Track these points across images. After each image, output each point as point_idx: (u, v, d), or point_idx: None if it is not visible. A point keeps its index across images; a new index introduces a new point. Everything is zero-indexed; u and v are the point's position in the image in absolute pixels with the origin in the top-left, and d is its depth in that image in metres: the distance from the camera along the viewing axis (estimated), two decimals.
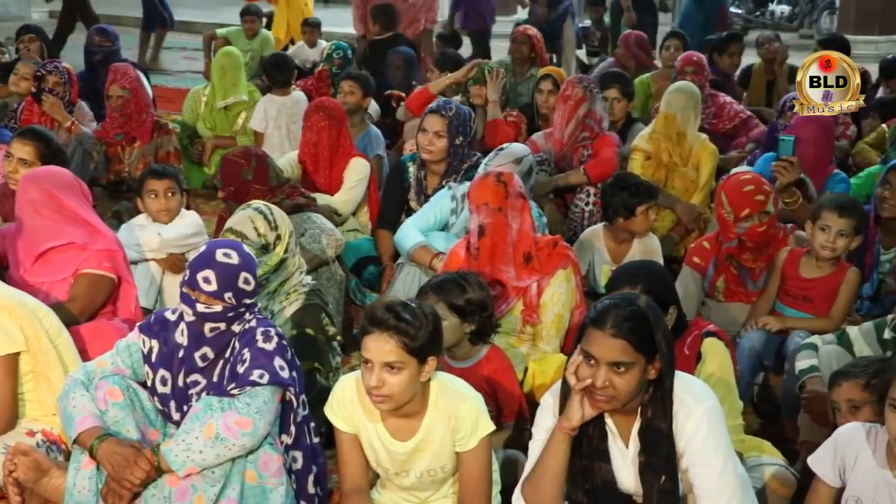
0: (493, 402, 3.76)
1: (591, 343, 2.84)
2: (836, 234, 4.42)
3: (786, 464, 3.64)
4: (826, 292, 4.50)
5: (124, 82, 6.47)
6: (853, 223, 4.43)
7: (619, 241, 5.09)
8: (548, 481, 2.97)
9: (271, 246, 4.04)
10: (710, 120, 6.99)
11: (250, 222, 4.04)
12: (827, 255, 4.45)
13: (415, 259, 4.83)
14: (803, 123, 5.68)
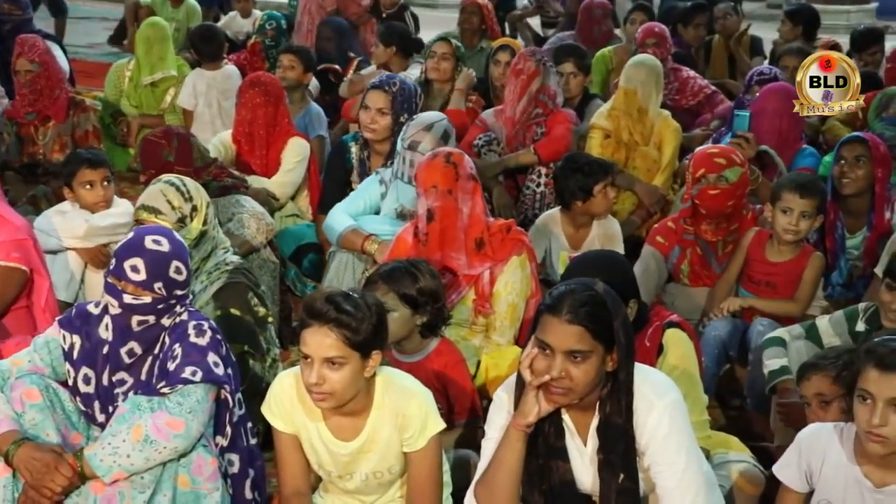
0: (443, 398, 3.77)
1: (547, 331, 2.85)
2: (798, 216, 4.49)
3: (754, 460, 3.67)
4: (790, 278, 4.57)
5: (32, 55, 6.35)
6: (815, 203, 4.52)
7: (577, 226, 5.12)
8: (502, 482, 2.98)
9: (188, 218, 4.01)
10: (672, 96, 7.04)
11: (162, 196, 4.01)
12: (790, 239, 4.53)
13: (345, 244, 4.84)
14: (768, 95, 5.81)
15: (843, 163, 4.93)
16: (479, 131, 5.98)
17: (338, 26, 8.36)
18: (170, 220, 3.93)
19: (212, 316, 3.88)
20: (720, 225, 4.73)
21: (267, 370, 4.02)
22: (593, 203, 5.01)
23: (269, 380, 3.55)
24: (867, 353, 2.88)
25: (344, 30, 8.40)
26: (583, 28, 8.46)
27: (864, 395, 2.84)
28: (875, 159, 4.91)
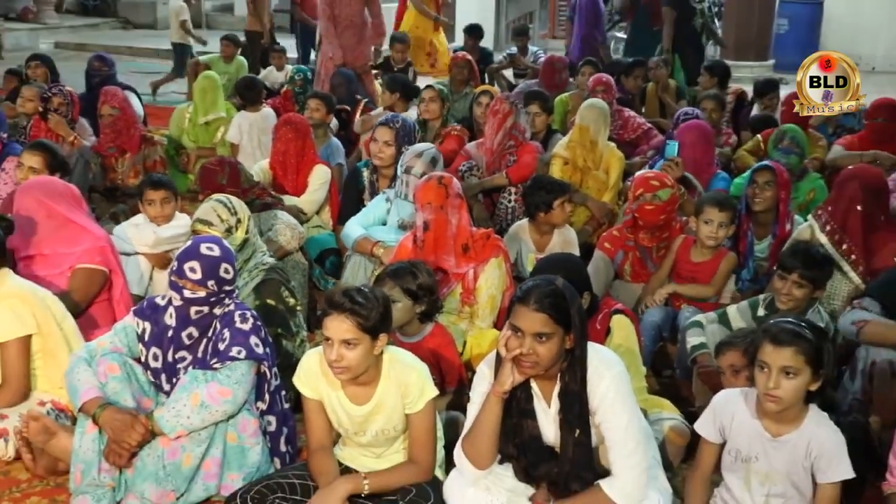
0: (437, 371, 3.76)
1: (518, 317, 2.86)
2: (717, 226, 4.50)
3: (681, 418, 3.69)
4: (709, 274, 4.58)
5: (114, 102, 6.33)
6: (730, 215, 4.54)
7: (541, 233, 5.11)
8: (483, 438, 2.98)
9: (233, 229, 4.00)
10: (617, 131, 7.03)
11: (213, 211, 4.00)
12: (711, 244, 4.54)
13: (358, 249, 4.82)
14: (685, 130, 5.86)
15: (755, 186, 4.93)
16: (463, 160, 5.96)
17: (347, 76, 8.35)
18: (219, 230, 3.93)
19: (252, 305, 3.88)
20: (654, 234, 4.72)
21: (297, 349, 4.00)
22: (553, 215, 5.00)
23: (298, 357, 3.53)
24: (763, 332, 2.91)
25: (352, 78, 8.39)
26: (545, 76, 8.45)
27: (762, 365, 2.86)
28: (779, 184, 4.92)
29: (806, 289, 3.84)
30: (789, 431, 2.94)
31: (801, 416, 2.93)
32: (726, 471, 3.07)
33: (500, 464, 3.10)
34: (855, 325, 3.52)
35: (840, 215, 4.38)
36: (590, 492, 2.95)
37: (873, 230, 4.35)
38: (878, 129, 6.32)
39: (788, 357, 2.82)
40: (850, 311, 3.60)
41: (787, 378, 2.82)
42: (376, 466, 3.24)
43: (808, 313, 3.86)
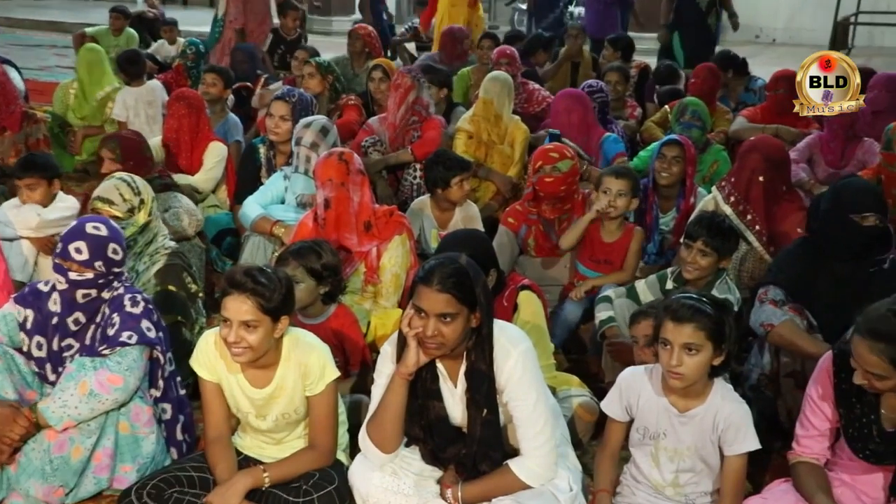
0: (340, 353, 3.75)
1: (421, 298, 2.84)
2: (616, 195, 4.56)
3: (590, 395, 3.74)
4: (621, 254, 4.64)
5: None
6: (629, 184, 4.59)
7: (442, 209, 5.11)
8: (389, 420, 2.97)
9: (136, 210, 3.92)
10: (522, 104, 7.05)
11: (115, 190, 3.91)
12: (613, 214, 4.59)
13: (257, 229, 4.78)
14: (557, 100, 5.97)
15: (663, 160, 5.02)
16: (366, 135, 5.92)
17: (249, 51, 8.24)
18: (120, 210, 3.85)
19: (152, 291, 3.81)
20: (556, 205, 4.76)
21: (195, 336, 3.92)
22: (451, 192, 5.00)
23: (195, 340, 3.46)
24: (665, 310, 2.94)
25: (254, 54, 8.28)
26: (445, 48, 8.42)
27: (665, 342, 2.90)
28: (687, 159, 5.03)
29: (711, 257, 3.91)
30: (695, 406, 2.99)
31: (707, 390, 2.99)
32: (635, 448, 3.12)
33: (407, 447, 3.09)
34: (763, 327, 3.60)
35: (743, 186, 4.47)
36: (498, 472, 2.96)
37: (775, 201, 4.46)
38: (780, 100, 6.49)
39: (689, 333, 2.86)
40: (759, 308, 3.66)
41: (689, 354, 2.87)
42: (277, 454, 3.20)
43: (716, 285, 3.93)
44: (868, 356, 2.71)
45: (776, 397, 3.63)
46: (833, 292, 3.63)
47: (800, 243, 3.86)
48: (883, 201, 3.60)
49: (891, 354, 2.68)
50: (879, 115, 6.27)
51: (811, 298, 3.65)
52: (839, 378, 2.93)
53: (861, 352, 2.73)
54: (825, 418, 2.97)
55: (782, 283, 3.70)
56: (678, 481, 3.03)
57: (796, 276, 3.70)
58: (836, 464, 3.04)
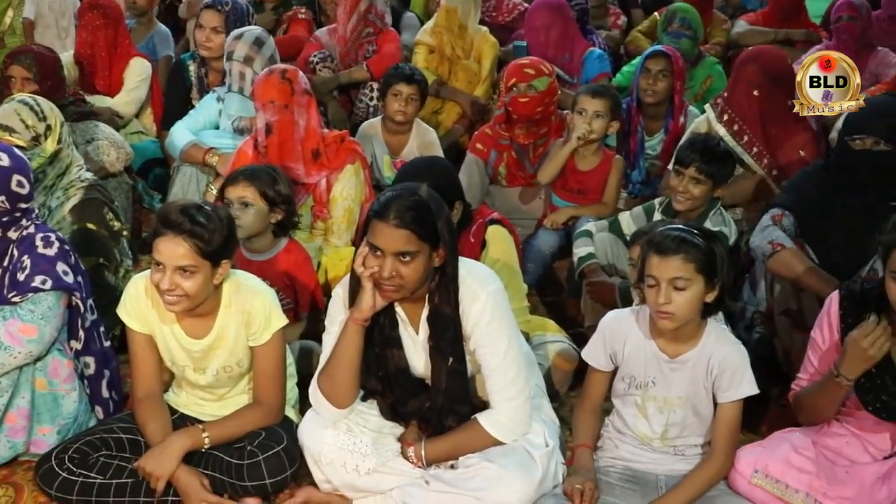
0: (290, 293, 3.78)
1: (376, 235, 2.84)
2: (592, 116, 4.58)
3: (568, 340, 3.78)
4: (598, 184, 4.67)
5: None
6: (607, 104, 4.61)
7: (392, 132, 5.13)
8: (343, 371, 3.00)
9: (42, 137, 3.86)
10: (490, 13, 7.01)
11: (16, 115, 3.85)
12: (592, 137, 4.60)
13: (188, 159, 4.77)
14: (532, 14, 5.91)
15: (648, 75, 5.03)
16: (314, 49, 5.87)
17: None
18: (23, 139, 3.79)
19: (68, 230, 3.78)
20: (531, 129, 4.76)
21: (121, 280, 3.93)
22: (386, 105, 5.08)
23: (122, 289, 3.44)
24: (648, 244, 2.96)
25: None
26: None
27: (650, 280, 2.93)
28: (675, 72, 5.04)
29: (705, 185, 3.95)
30: (687, 350, 3.03)
31: (699, 332, 3.03)
32: (619, 398, 3.16)
33: (364, 401, 3.13)
34: (772, 245, 3.63)
35: (738, 102, 4.49)
36: (466, 427, 3.01)
37: (775, 119, 4.48)
38: (783, 3, 6.50)
39: (677, 267, 2.88)
40: (772, 227, 3.69)
41: (678, 291, 2.89)
42: (218, 412, 3.23)
43: (710, 216, 3.97)
44: None
45: (772, 337, 3.69)
46: (845, 228, 3.66)
47: (819, 167, 3.89)
48: (892, 123, 3.60)
49: None
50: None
51: (823, 232, 3.69)
52: (846, 323, 2.97)
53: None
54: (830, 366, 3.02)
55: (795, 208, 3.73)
56: (667, 434, 3.08)
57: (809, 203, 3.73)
58: (843, 413, 3.11)
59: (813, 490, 2.93)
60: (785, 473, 2.95)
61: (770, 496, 2.95)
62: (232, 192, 3.70)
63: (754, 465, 2.98)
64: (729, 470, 3.01)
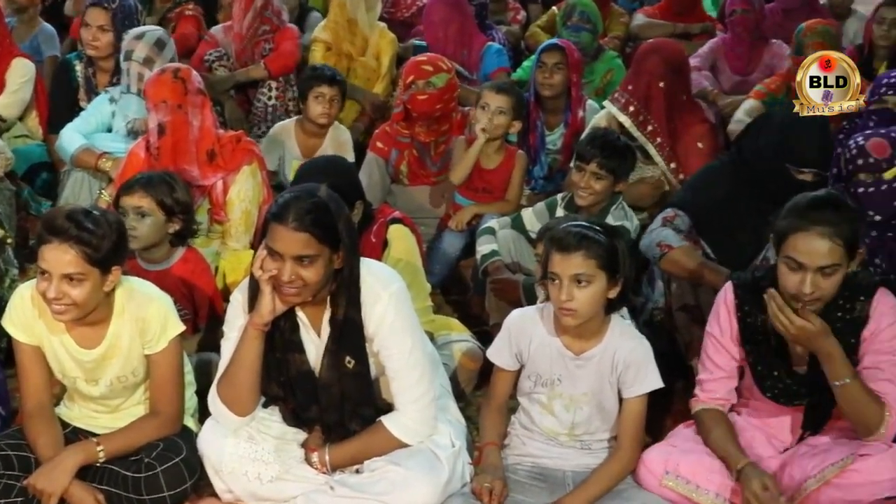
0: (189, 303, 3.73)
1: (275, 238, 2.82)
2: (494, 111, 4.60)
3: (473, 339, 3.80)
4: (502, 181, 4.70)
5: None
6: (510, 101, 4.63)
7: (308, 134, 5.09)
8: (243, 378, 2.97)
9: None
10: (388, 9, 6.99)
11: None
12: (495, 133, 4.63)
13: (79, 163, 4.69)
14: (430, 9, 5.92)
15: (544, 68, 5.07)
16: (209, 47, 5.81)
17: None
18: None
19: None
20: (431, 127, 4.77)
21: (6, 291, 3.83)
22: (307, 107, 5.03)
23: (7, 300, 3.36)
24: (550, 241, 2.99)
25: None
26: None
27: (553, 276, 2.95)
28: (570, 65, 5.08)
29: (606, 181, 3.99)
30: (592, 347, 3.06)
31: (603, 328, 3.07)
32: (525, 397, 3.18)
33: (265, 407, 3.10)
34: (660, 247, 3.68)
35: (642, 94, 4.56)
36: (370, 431, 3.00)
37: (676, 110, 4.56)
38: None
39: (578, 263, 2.91)
40: (660, 229, 3.74)
41: (579, 287, 2.92)
42: (113, 424, 3.17)
43: (611, 211, 4.02)
44: (819, 245, 2.78)
45: (672, 332, 3.74)
46: (751, 226, 3.68)
47: (727, 164, 3.92)
48: (829, 153, 3.66)
49: (844, 234, 2.78)
50: (790, 14, 6.48)
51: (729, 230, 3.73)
52: (743, 311, 3.04)
53: (809, 245, 2.79)
54: (730, 357, 3.09)
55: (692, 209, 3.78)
56: (574, 430, 3.11)
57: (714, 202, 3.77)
58: (744, 405, 3.18)
59: (723, 489, 2.97)
60: (696, 474, 2.99)
61: (681, 497, 2.98)
62: (128, 201, 3.64)
63: (665, 466, 3.01)
64: (636, 464, 3.05)
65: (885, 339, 2.92)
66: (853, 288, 2.93)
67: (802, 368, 3.01)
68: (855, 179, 3.53)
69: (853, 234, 2.84)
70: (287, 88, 5.70)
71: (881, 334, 2.92)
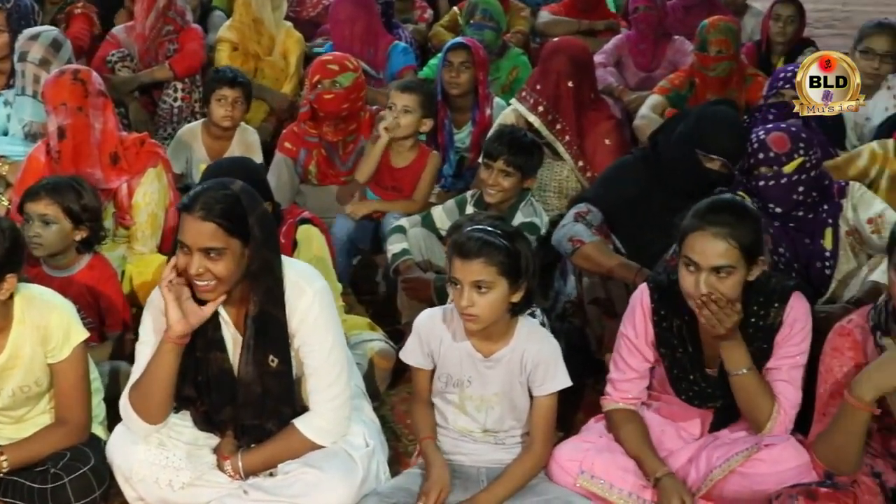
0: (95, 313, 3.68)
1: (184, 230, 2.78)
2: (400, 110, 4.62)
3: (386, 338, 3.83)
4: (413, 180, 4.69)
5: None
6: (417, 100, 4.64)
7: (214, 136, 5.05)
8: (156, 389, 2.92)
9: None
10: (294, 8, 6.96)
11: None
12: (399, 134, 4.64)
13: None
14: (338, 5, 5.89)
15: (450, 67, 5.09)
16: (111, 47, 5.72)
17: None
18: None
19: None
20: (339, 126, 4.77)
21: None
22: (210, 110, 4.99)
23: None
24: (451, 246, 2.98)
25: None
26: None
27: (454, 281, 2.95)
28: (477, 63, 5.11)
29: (514, 177, 4.02)
30: (500, 349, 3.06)
31: (511, 330, 3.07)
32: (438, 396, 3.18)
33: (177, 412, 3.06)
34: (571, 242, 3.72)
35: (550, 93, 4.60)
36: (283, 434, 2.98)
37: (583, 108, 4.61)
38: None
39: (478, 270, 2.90)
40: (571, 224, 3.78)
41: (480, 293, 2.91)
42: (16, 435, 3.10)
43: (521, 207, 4.06)
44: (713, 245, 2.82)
45: (584, 326, 3.78)
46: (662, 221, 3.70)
47: (639, 158, 3.99)
48: (740, 147, 3.72)
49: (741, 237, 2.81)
50: (692, 11, 6.60)
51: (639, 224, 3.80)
52: (659, 316, 3.08)
53: (703, 245, 2.83)
54: (643, 359, 3.13)
55: (603, 204, 3.83)
56: (487, 429, 3.12)
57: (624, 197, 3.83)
58: (655, 399, 3.23)
59: (636, 489, 3.01)
60: (609, 473, 3.02)
61: (595, 496, 3.01)
62: (32, 207, 3.58)
63: (580, 466, 3.03)
64: (547, 460, 3.07)
65: (792, 343, 2.99)
66: (767, 294, 2.99)
67: (714, 371, 3.06)
68: (756, 172, 3.61)
69: (752, 239, 2.88)
70: (193, 89, 5.64)
71: (790, 339, 2.99)
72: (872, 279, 3.47)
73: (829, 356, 2.90)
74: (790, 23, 5.97)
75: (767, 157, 3.59)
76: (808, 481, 2.84)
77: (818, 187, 3.65)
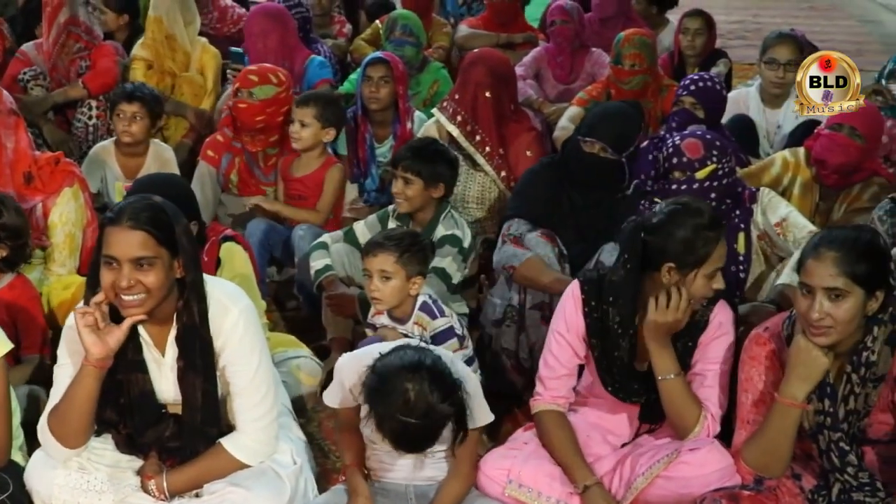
0: (12, 332, 3.56)
1: (110, 243, 2.74)
2: (299, 125, 4.63)
3: (311, 355, 3.81)
4: (316, 189, 4.69)
5: None
6: (314, 111, 4.63)
7: (128, 155, 4.99)
8: (76, 415, 2.86)
9: None
10: (213, 24, 6.90)
11: None
12: (299, 146, 4.66)
13: None
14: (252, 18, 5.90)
15: (370, 82, 5.09)
16: (21, 65, 5.63)
17: None
18: None
19: None
20: (256, 137, 4.79)
21: None
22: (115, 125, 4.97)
23: None
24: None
25: None
26: None
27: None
28: (396, 78, 5.12)
29: (416, 184, 3.99)
30: None
31: None
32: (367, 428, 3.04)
33: (98, 435, 3.00)
34: (505, 269, 3.75)
35: (469, 104, 4.63)
36: (209, 454, 2.95)
37: (503, 120, 4.65)
38: (501, 9, 6.78)
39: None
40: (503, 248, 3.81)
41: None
42: None
43: (441, 220, 4.05)
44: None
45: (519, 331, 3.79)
46: (573, 223, 3.87)
47: (546, 164, 4.08)
48: (622, 134, 3.82)
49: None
50: (607, 23, 6.70)
51: (556, 226, 3.86)
52: (590, 307, 3.12)
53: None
54: (573, 354, 3.15)
55: (525, 213, 3.87)
56: None
57: (540, 201, 3.90)
58: (581, 403, 3.26)
59: (563, 496, 3.03)
60: (537, 481, 3.04)
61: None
62: None
63: (508, 475, 3.04)
64: (475, 479, 3.07)
65: (716, 349, 3.05)
66: None
67: (643, 366, 3.10)
68: (670, 177, 3.69)
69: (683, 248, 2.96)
70: (108, 107, 5.56)
71: (714, 343, 3.05)
72: (781, 282, 3.56)
73: (747, 364, 2.94)
74: (699, 35, 6.12)
75: (681, 162, 3.68)
76: (731, 484, 2.89)
77: (731, 194, 3.74)
